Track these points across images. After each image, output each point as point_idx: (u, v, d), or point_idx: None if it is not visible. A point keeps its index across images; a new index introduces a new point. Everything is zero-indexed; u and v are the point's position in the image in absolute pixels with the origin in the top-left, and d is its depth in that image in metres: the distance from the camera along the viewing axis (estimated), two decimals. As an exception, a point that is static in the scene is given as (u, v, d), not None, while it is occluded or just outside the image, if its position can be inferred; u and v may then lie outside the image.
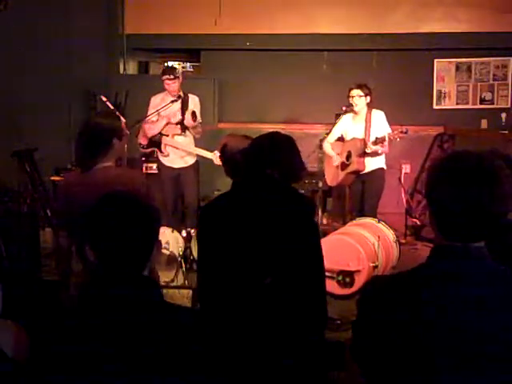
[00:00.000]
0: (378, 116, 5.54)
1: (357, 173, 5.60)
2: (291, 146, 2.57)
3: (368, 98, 5.50)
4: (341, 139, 5.80)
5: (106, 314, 1.61)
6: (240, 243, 2.40)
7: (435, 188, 1.51)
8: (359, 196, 5.71)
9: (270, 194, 2.43)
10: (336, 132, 5.79)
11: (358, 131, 5.56)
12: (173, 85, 5.60)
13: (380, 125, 5.48)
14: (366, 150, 5.40)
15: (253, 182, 2.49)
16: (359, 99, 5.48)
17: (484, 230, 1.49)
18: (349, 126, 5.67)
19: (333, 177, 5.86)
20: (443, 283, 1.48)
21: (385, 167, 5.63)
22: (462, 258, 1.49)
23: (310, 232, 2.44)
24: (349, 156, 5.60)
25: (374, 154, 5.46)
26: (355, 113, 5.58)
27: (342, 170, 5.69)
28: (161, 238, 5.00)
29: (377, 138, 5.34)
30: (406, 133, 5.28)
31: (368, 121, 5.51)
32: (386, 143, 5.35)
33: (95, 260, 1.69)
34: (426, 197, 1.56)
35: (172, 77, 5.61)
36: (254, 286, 2.36)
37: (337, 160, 5.71)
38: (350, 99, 5.52)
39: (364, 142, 5.42)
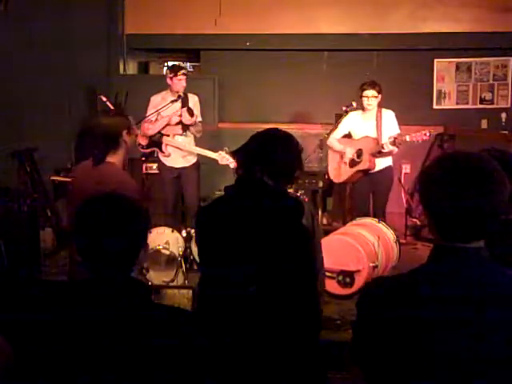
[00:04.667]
0: (389, 115, 5.47)
1: (366, 171, 5.55)
2: (287, 146, 2.46)
3: (380, 96, 5.40)
4: (347, 136, 5.72)
5: (91, 315, 1.61)
6: (227, 250, 2.36)
7: (429, 190, 1.52)
8: (366, 195, 5.67)
9: (256, 198, 2.36)
10: (343, 128, 5.67)
11: (369, 130, 5.47)
12: (184, 81, 5.63)
13: (391, 124, 5.43)
14: (383, 150, 5.33)
15: (241, 186, 2.45)
16: (374, 100, 5.36)
17: (480, 229, 1.49)
18: (358, 124, 5.57)
19: (338, 173, 5.76)
20: (442, 284, 1.48)
21: (392, 164, 5.62)
22: (460, 258, 1.49)
23: (296, 236, 2.35)
24: (359, 154, 5.53)
25: (387, 153, 5.43)
26: (364, 110, 5.49)
27: (351, 167, 5.60)
28: (161, 237, 5.03)
29: (395, 139, 5.25)
30: (429, 136, 5.24)
31: (379, 120, 5.44)
32: (399, 143, 5.29)
33: (82, 261, 1.69)
34: (421, 199, 1.56)
35: (186, 72, 5.69)
36: (240, 292, 2.32)
37: (350, 153, 5.56)
38: (365, 99, 5.37)
39: (377, 141, 5.39)
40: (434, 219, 1.52)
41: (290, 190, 5.19)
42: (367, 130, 5.50)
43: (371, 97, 5.35)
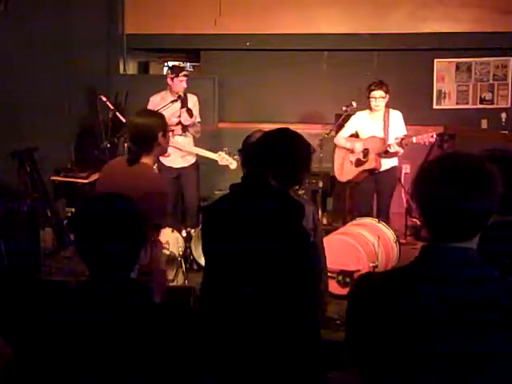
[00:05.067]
0: (396, 116, 5.48)
1: (372, 171, 5.56)
2: (292, 146, 2.43)
3: (387, 95, 5.40)
4: (354, 136, 5.71)
5: (91, 315, 1.61)
6: (228, 249, 2.36)
7: (426, 189, 1.53)
8: (370, 194, 5.68)
9: (257, 198, 2.36)
10: (350, 128, 5.68)
11: (377, 130, 5.49)
12: (185, 83, 5.63)
13: (398, 125, 5.44)
14: (389, 150, 5.34)
15: (245, 185, 2.45)
16: (382, 100, 5.37)
17: (474, 230, 1.50)
18: (365, 124, 5.57)
19: (345, 172, 5.77)
20: (428, 283, 1.49)
21: (397, 165, 5.65)
22: (451, 257, 1.49)
23: (294, 237, 2.35)
24: (366, 153, 5.54)
25: (393, 154, 5.44)
26: (371, 110, 5.49)
27: (357, 166, 5.62)
28: (161, 237, 5.02)
29: (402, 140, 5.27)
30: (435, 138, 5.26)
31: (386, 120, 5.44)
32: (405, 145, 5.32)
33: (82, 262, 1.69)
34: (417, 197, 1.56)
35: (187, 73, 5.70)
36: (238, 292, 2.32)
37: (359, 148, 5.56)
38: (372, 100, 5.37)
39: (383, 142, 5.39)
40: (428, 217, 1.53)
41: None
42: (374, 130, 5.51)
43: (379, 98, 5.35)
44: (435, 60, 7.91)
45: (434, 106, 7.98)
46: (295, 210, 2.38)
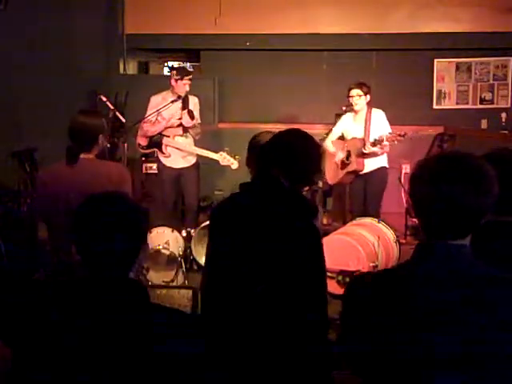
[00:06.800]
0: (378, 115, 5.51)
1: (356, 173, 5.59)
2: (306, 147, 2.42)
3: (368, 96, 5.47)
4: (341, 138, 5.78)
5: (90, 316, 1.61)
6: (238, 248, 2.36)
7: (415, 186, 1.53)
8: (361, 196, 5.68)
9: (270, 197, 2.36)
10: (336, 131, 5.77)
11: (358, 131, 5.54)
12: (188, 86, 5.63)
13: (380, 124, 5.46)
14: (364, 151, 5.39)
15: (257, 185, 2.44)
16: (359, 99, 5.44)
17: (464, 227, 1.50)
18: (349, 126, 5.64)
19: (332, 175, 5.83)
20: (424, 281, 1.49)
21: (387, 165, 5.62)
22: (441, 256, 1.50)
23: (308, 237, 2.34)
24: (348, 155, 5.59)
25: (373, 154, 5.45)
26: (355, 112, 5.56)
27: (342, 169, 5.67)
28: (161, 237, 5.01)
29: (375, 140, 5.32)
30: (404, 136, 5.24)
31: (368, 120, 5.48)
32: (384, 144, 5.32)
33: (80, 260, 1.69)
34: (412, 196, 1.57)
35: (191, 78, 5.69)
36: (248, 292, 2.31)
37: (340, 155, 5.64)
38: (350, 99, 5.47)
39: (363, 142, 5.41)
40: (424, 215, 1.53)
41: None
42: (356, 131, 5.56)
43: (355, 96, 5.43)
44: (435, 60, 7.91)
45: (434, 106, 7.99)
46: (308, 209, 2.39)
